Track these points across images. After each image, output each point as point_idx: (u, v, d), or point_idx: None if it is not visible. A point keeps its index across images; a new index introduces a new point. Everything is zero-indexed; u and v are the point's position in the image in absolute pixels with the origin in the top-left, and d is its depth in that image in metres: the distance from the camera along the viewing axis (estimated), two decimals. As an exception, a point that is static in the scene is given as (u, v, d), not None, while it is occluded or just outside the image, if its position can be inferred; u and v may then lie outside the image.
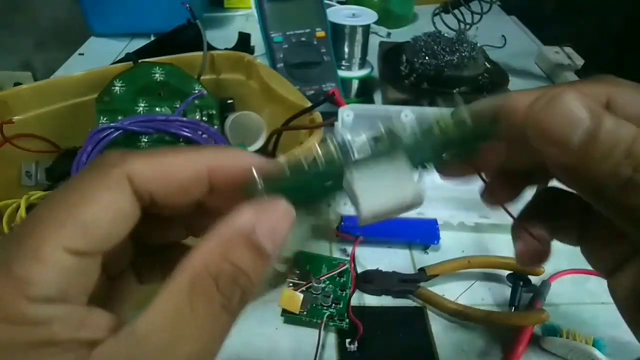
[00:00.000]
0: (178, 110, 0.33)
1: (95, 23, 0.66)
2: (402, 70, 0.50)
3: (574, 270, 0.33)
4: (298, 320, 0.29)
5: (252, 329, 0.29)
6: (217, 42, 0.59)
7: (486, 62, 0.51)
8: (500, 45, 0.67)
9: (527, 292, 0.31)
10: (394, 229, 0.35)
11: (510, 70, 0.57)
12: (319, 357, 0.27)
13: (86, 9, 0.65)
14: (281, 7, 0.47)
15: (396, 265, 0.33)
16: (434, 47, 0.47)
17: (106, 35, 0.67)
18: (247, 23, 0.74)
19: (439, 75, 0.47)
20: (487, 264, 0.33)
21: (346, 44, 0.51)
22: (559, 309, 0.30)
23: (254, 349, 0.28)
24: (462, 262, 0.32)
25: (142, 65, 0.34)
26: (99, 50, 0.64)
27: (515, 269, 0.32)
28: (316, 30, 0.47)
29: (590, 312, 0.31)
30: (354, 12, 0.51)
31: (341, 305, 0.29)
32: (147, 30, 0.66)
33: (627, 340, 0.29)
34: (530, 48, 0.68)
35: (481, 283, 0.32)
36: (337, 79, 0.48)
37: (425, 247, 0.35)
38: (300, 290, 0.29)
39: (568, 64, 0.59)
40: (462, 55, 0.47)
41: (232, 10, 0.77)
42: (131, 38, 0.66)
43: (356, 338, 0.28)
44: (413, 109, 0.38)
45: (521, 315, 0.29)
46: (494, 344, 0.28)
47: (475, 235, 0.36)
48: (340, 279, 0.31)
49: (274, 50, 0.46)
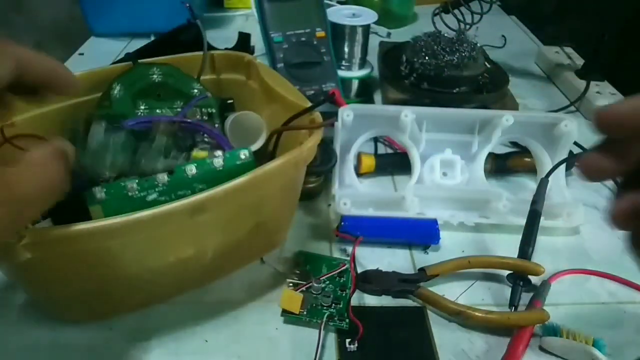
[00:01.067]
0: (182, 112, 0.33)
1: (95, 23, 0.66)
2: (402, 70, 0.50)
3: (573, 270, 0.33)
4: (298, 320, 0.29)
5: (252, 328, 0.29)
6: (217, 42, 0.59)
7: (486, 62, 0.51)
8: (500, 45, 0.67)
9: (527, 292, 0.31)
10: (394, 229, 0.35)
11: (510, 70, 0.57)
12: (319, 356, 0.27)
13: (86, 9, 0.65)
14: (281, 7, 0.47)
15: (396, 265, 0.33)
16: (434, 47, 0.47)
17: (106, 35, 0.67)
18: (247, 23, 0.74)
19: (439, 75, 0.47)
20: (487, 264, 0.33)
21: (346, 44, 0.51)
22: (558, 309, 0.30)
23: (254, 348, 0.28)
24: (462, 262, 0.32)
25: (139, 67, 0.34)
26: (99, 50, 0.64)
27: (515, 269, 0.32)
28: (316, 30, 0.47)
29: (590, 312, 0.31)
30: (354, 12, 0.51)
31: (341, 305, 0.29)
32: (147, 30, 0.66)
33: (627, 340, 0.29)
34: (530, 48, 0.68)
35: (481, 283, 0.32)
36: (337, 79, 0.48)
37: (425, 247, 0.35)
38: (300, 290, 0.29)
39: (568, 63, 0.59)
40: (462, 55, 0.47)
41: (232, 10, 0.77)
42: (131, 38, 0.67)
43: (356, 338, 0.28)
44: (413, 108, 0.38)
45: (521, 315, 0.29)
46: (493, 344, 0.28)
47: (475, 235, 0.36)
48: (340, 279, 0.31)
49: (274, 50, 0.46)
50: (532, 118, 0.38)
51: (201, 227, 0.26)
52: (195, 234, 0.26)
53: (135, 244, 0.24)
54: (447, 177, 0.40)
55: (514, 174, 0.43)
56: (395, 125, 0.38)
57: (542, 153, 0.39)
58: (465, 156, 0.40)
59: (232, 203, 0.25)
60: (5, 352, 0.27)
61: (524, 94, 0.56)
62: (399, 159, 0.42)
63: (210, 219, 0.25)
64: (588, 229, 0.37)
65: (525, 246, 0.33)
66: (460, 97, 0.48)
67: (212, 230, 0.27)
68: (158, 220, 0.22)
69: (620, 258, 0.35)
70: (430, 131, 0.40)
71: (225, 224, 0.27)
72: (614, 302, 0.31)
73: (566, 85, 0.56)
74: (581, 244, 0.36)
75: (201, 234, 0.27)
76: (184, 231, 0.25)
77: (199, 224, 0.25)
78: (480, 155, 0.40)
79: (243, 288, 0.31)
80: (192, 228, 0.25)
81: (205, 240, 0.27)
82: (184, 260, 0.27)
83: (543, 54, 0.63)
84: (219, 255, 0.28)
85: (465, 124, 0.39)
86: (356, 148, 0.40)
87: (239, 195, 0.25)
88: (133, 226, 0.22)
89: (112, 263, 0.25)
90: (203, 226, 0.26)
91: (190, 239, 0.27)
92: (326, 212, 0.38)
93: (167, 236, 0.25)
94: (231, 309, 0.30)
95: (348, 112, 0.37)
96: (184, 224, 0.24)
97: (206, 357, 0.27)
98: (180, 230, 0.25)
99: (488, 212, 0.37)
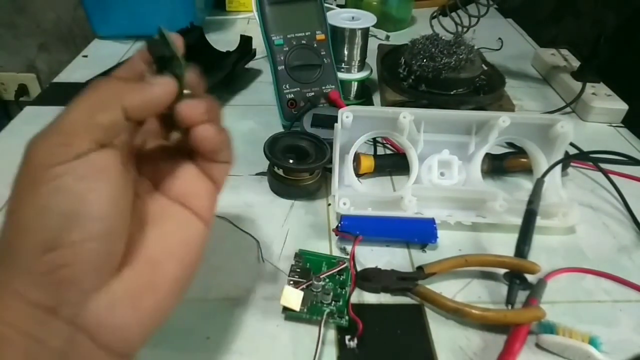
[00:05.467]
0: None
1: (98, 25, 0.67)
2: (400, 72, 0.51)
3: (570, 268, 0.34)
4: (298, 317, 0.29)
5: (253, 325, 0.29)
6: (219, 45, 0.60)
7: (483, 64, 0.52)
8: (497, 48, 0.68)
9: (523, 290, 0.32)
10: (393, 228, 0.35)
11: (507, 72, 0.58)
12: (319, 353, 0.27)
13: (90, 12, 0.65)
14: (282, 10, 0.47)
15: (395, 263, 0.34)
16: (431, 49, 0.48)
17: (110, 38, 0.68)
18: (249, 26, 0.75)
19: (436, 77, 0.48)
20: (484, 262, 0.33)
21: (346, 47, 0.51)
22: (555, 307, 0.31)
23: (255, 345, 0.28)
24: (459, 260, 0.32)
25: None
26: (103, 52, 0.65)
27: (512, 267, 0.32)
28: (316, 33, 0.48)
29: (586, 310, 0.31)
30: (353, 15, 0.52)
31: (341, 303, 0.30)
32: (150, 33, 0.66)
33: (623, 338, 0.29)
34: (526, 50, 0.69)
35: (478, 281, 0.33)
36: (337, 81, 0.49)
37: (423, 245, 0.35)
38: (300, 288, 0.30)
39: (564, 65, 0.59)
40: (460, 58, 0.47)
41: (233, 14, 0.78)
42: (134, 40, 0.67)
43: (356, 335, 0.28)
44: (411, 110, 0.38)
45: (518, 313, 0.30)
46: (490, 341, 0.29)
47: (472, 234, 0.37)
48: (340, 277, 0.31)
49: (274, 53, 0.47)
50: (528, 119, 0.39)
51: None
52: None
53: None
54: (444, 178, 0.40)
55: (511, 175, 0.43)
56: (393, 127, 0.39)
57: (538, 154, 0.40)
58: (462, 157, 0.41)
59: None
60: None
61: (521, 96, 0.57)
62: (398, 160, 0.42)
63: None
64: (583, 229, 0.38)
65: (521, 245, 0.33)
66: (458, 98, 0.49)
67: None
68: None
69: (616, 257, 0.35)
70: (428, 132, 0.40)
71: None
72: (609, 300, 0.32)
73: (562, 87, 0.57)
74: (577, 243, 0.36)
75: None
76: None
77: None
78: (477, 155, 0.40)
79: (244, 286, 0.32)
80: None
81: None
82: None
83: (539, 56, 0.63)
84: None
85: (463, 125, 0.40)
86: (355, 149, 0.40)
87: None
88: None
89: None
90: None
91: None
92: (326, 212, 0.38)
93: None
94: (233, 307, 0.30)
95: (347, 114, 0.38)
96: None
97: (208, 353, 0.28)
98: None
99: (485, 212, 0.38)
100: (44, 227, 0.16)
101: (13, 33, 1.03)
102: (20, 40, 1.04)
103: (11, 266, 0.16)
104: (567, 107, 0.53)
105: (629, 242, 0.37)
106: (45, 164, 0.16)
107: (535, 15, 0.87)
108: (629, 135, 0.51)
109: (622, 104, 0.52)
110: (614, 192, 0.41)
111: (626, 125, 0.52)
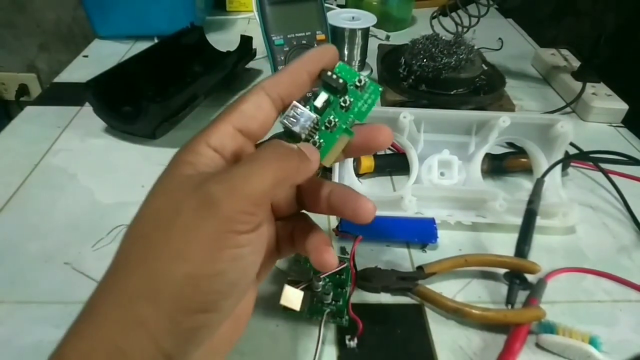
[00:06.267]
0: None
1: (99, 25, 0.67)
2: (400, 72, 0.51)
3: (570, 268, 0.34)
4: (299, 317, 0.29)
5: (253, 325, 0.29)
6: (219, 45, 0.60)
7: (483, 64, 0.52)
8: (497, 48, 0.68)
9: (523, 290, 0.32)
10: (393, 228, 0.35)
11: (507, 72, 0.58)
12: (319, 353, 0.27)
13: (90, 12, 0.65)
14: (282, 10, 0.47)
15: (395, 263, 0.34)
16: (432, 49, 0.48)
17: (110, 38, 0.68)
18: (249, 26, 0.75)
19: (436, 77, 0.48)
20: (484, 262, 0.33)
21: (346, 47, 0.51)
22: (555, 307, 0.31)
23: (256, 345, 0.28)
24: (459, 260, 0.32)
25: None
26: (103, 52, 0.65)
27: (512, 267, 0.32)
28: (316, 33, 0.48)
29: (586, 310, 0.31)
30: (353, 15, 0.52)
31: (341, 303, 0.30)
32: (150, 33, 0.66)
33: (623, 338, 0.29)
34: (526, 50, 0.69)
35: (478, 281, 0.33)
36: (337, 81, 0.49)
37: (423, 245, 0.35)
38: (301, 287, 0.30)
39: (564, 65, 0.59)
40: (460, 58, 0.47)
41: (234, 14, 0.78)
42: (135, 41, 0.67)
43: (356, 334, 0.28)
44: (411, 110, 0.38)
45: (518, 312, 0.30)
46: (490, 341, 0.29)
47: (472, 234, 0.37)
48: (340, 277, 0.31)
49: (275, 53, 0.47)
50: (528, 119, 0.39)
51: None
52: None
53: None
54: (444, 177, 0.40)
55: (511, 174, 0.43)
56: (393, 127, 0.39)
57: (538, 154, 0.40)
58: (462, 157, 0.41)
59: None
60: None
61: (521, 96, 0.57)
62: (398, 160, 0.42)
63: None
64: (584, 229, 0.38)
65: (521, 245, 0.33)
66: (458, 98, 0.49)
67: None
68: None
69: (616, 257, 0.35)
70: (428, 132, 0.40)
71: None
72: (609, 300, 0.32)
73: (562, 87, 0.57)
74: (577, 243, 0.36)
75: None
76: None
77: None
78: (478, 155, 0.40)
79: (244, 286, 0.32)
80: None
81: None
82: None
83: (539, 56, 0.63)
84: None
85: (463, 125, 0.40)
86: (356, 149, 0.40)
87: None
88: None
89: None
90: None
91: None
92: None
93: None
94: (233, 306, 0.30)
95: (347, 114, 0.38)
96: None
97: (208, 353, 0.28)
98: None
99: (485, 212, 0.38)
100: (211, 291, 0.15)
101: (13, 33, 1.03)
102: (20, 40, 1.04)
103: (156, 308, 0.15)
104: (567, 107, 0.53)
105: (629, 242, 0.37)
106: (229, 230, 0.15)
107: (535, 15, 0.87)
108: (629, 135, 0.51)
109: (622, 104, 0.52)
110: (614, 192, 0.41)
111: (626, 125, 0.52)
